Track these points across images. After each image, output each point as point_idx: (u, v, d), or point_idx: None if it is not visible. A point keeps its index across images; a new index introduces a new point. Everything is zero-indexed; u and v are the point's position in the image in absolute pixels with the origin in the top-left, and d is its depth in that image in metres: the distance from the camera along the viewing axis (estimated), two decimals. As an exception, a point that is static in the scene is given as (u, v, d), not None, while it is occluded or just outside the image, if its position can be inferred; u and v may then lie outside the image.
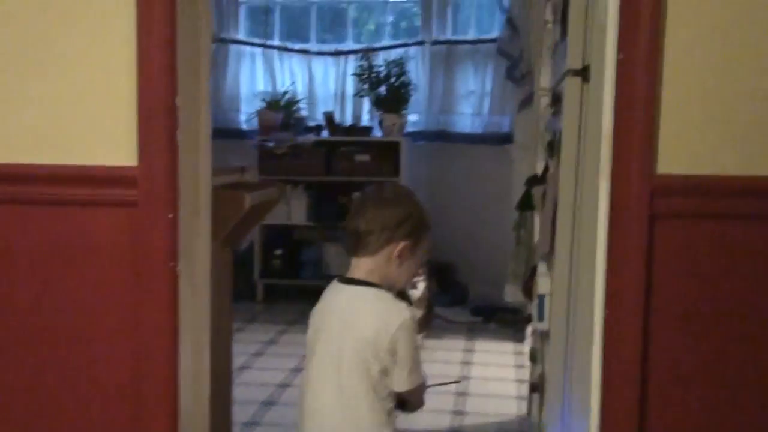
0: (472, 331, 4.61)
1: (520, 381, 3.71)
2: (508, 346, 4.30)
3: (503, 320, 4.68)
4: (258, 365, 3.96)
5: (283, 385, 3.63)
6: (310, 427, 1.81)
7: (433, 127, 5.46)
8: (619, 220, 1.62)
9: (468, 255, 5.37)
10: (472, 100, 5.28)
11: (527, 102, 4.83)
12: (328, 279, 5.96)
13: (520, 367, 3.94)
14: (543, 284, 2.36)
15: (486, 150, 5.21)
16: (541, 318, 2.36)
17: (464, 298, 5.15)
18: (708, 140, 1.54)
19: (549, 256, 2.42)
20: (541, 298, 2.35)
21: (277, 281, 5.33)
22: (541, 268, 2.46)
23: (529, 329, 4.15)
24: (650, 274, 1.57)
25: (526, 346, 4.17)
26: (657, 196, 1.56)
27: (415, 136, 5.47)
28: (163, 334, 1.76)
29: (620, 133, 1.61)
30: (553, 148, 2.63)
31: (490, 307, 4.88)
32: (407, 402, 1.87)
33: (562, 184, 2.27)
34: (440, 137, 5.43)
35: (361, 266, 1.81)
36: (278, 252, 5.27)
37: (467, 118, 5.32)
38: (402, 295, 1.89)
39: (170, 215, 1.76)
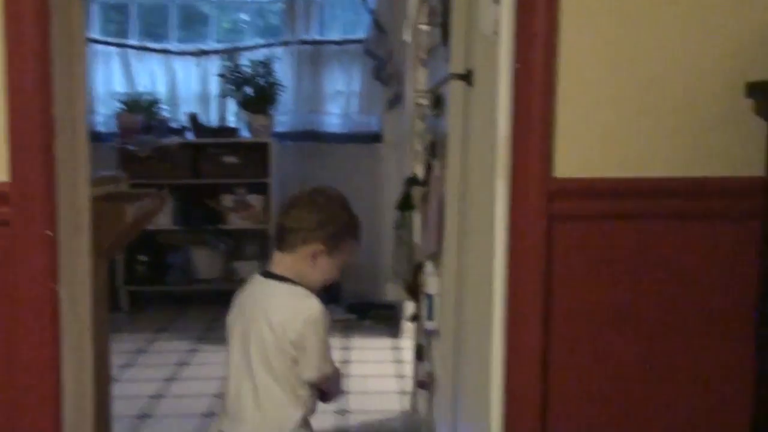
0: (347, 329, 4.61)
1: (400, 376, 3.75)
2: (385, 342, 4.33)
3: (378, 317, 4.72)
4: (128, 377, 3.79)
5: (158, 396, 3.49)
6: (229, 414, 1.89)
7: (301, 127, 5.41)
8: (519, 223, 1.65)
9: (340, 254, 5.36)
10: (340, 100, 5.28)
11: (395, 102, 4.89)
12: (196, 284, 5.77)
13: (398, 362, 3.98)
14: (432, 284, 2.38)
15: (355, 149, 5.22)
16: (430, 317, 2.38)
17: (337, 296, 5.14)
18: (602, 145, 1.60)
19: (436, 257, 2.45)
20: (430, 297, 2.37)
21: (143, 288, 5.11)
22: (428, 268, 2.48)
23: (407, 325, 4.21)
24: (550, 274, 1.62)
25: (403, 342, 4.23)
26: (554, 199, 1.60)
27: (283, 136, 5.40)
28: (43, 362, 1.64)
29: (518, 138, 1.64)
30: (435, 149, 2.65)
31: (363, 304, 4.91)
32: (326, 392, 1.98)
33: (449, 186, 2.30)
34: (309, 137, 5.39)
35: (280, 262, 1.90)
36: (143, 258, 5.06)
37: (335, 117, 5.31)
38: None
39: (48, 233, 1.64)
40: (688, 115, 1.60)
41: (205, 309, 5.08)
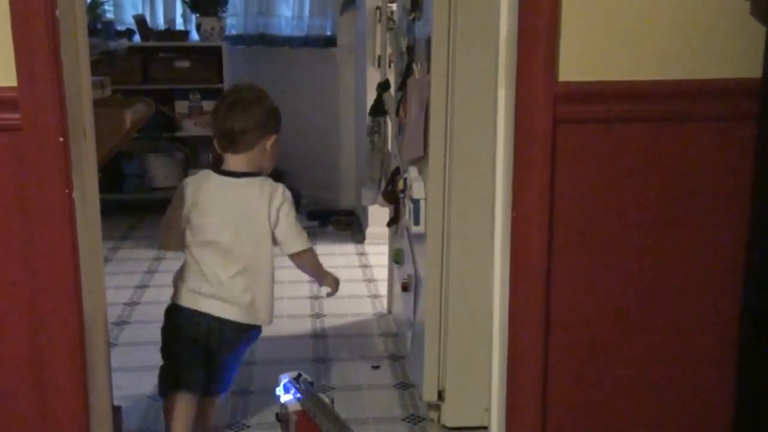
0: (311, 235, 4.62)
1: (369, 281, 3.84)
2: (350, 248, 4.41)
3: (339, 223, 4.77)
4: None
5: (132, 304, 3.51)
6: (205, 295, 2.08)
7: (252, 30, 5.30)
8: (524, 127, 1.70)
9: (296, 160, 5.36)
10: (291, 2, 5.16)
11: (349, 4, 4.81)
12: (153, 192, 5.65)
13: (365, 267, 4.07)
14: (417, 189, 2.43)
15: (309, 54, 5.14)
16: (417, 222, 2.43)
17: (297, 203, 5.15)
18: (604, 48, 1.65)
19: (420, 162, 2.49)
20: (416, 202, 2.42)
21: (100, 197, 5.02)
22: (413, 173, 2.52)
23: (372, 231, 4.29)
24: (553, 178, 1.68)
25: (368, 247, 4.33)
26: (559, 103, 1.65)
27: (233, 39, 5.29)
28: (63, 269, 1.65)
29: (523, 41, 1.67)
30: (414, 53, 2.66)
31: (324, 210, 4.95)
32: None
33: (435, 90, 2.33)
34: (260, 41, 5.29)
35: (238, 161, 2.08)
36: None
37: (287, 20, 5.20)
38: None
39: (61, 139, 1.62)
40: (687, 18, 1.66)
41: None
